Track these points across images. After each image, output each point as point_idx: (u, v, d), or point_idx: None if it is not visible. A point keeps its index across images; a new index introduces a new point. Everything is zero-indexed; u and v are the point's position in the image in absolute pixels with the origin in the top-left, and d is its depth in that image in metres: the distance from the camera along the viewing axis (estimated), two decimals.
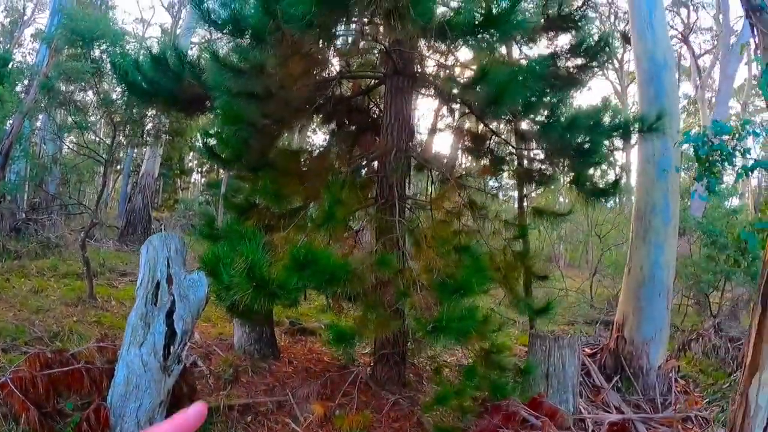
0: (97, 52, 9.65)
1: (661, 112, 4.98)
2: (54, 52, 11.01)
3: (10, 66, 10.17)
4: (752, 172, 4.96)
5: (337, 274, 3.11)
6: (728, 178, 5.17)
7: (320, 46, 3.34)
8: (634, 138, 5.03)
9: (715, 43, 18.86)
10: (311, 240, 3.41)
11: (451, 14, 2.94)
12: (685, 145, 4.90)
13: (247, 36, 3.00)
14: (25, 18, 22.47)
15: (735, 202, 18.07)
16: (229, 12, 2.92)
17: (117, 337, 4.67)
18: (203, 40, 14.11)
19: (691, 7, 19.96)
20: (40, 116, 11.62)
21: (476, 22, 2.80)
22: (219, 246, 3.37)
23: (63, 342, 4.89)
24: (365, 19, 3.01)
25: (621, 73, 21.10)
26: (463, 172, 4.97)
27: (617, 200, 16.87)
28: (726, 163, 4.80)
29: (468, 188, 4.39)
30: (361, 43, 4.39)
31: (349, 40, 4.43)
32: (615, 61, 20.31)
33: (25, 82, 11.35)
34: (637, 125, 4.81)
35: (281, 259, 3.30)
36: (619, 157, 18.89)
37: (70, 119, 10.16)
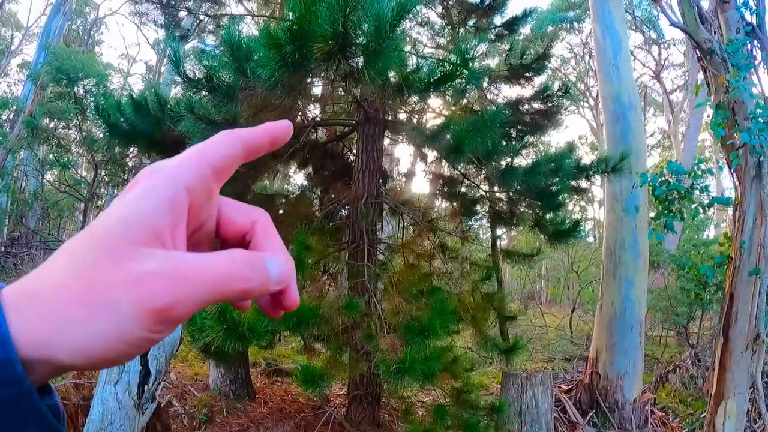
0: (81, 91, 9.81)
1: (624, 153, 5.18)
2: (39, 89, 11.15)
3: None
4: (710, 208, 5.19)
5: (305, 318, 3.19)
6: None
7: (291, 98, 3.51)
8: (599, 179, 5.20)
9: (687, 78, 19.56)
10: None
11: (411, 70, 3.13)
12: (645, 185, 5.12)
13: (220, 93, 3.15)
14: (12, 48, 22.55)
15: (712, 233, 18.47)
16: (203, 70, 3.08)
17: (93, 375, 4.67)
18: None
19: (663, 45, 20.83)
20: (23, 151, 11.68)
21: (431, 80, 2.99)
22: None
23: None
24: (329, 78, 3.19)
25: (596, 111, 21.35)
26: (435, 216, 5.11)
27: (595, 235, 17.13)
28: (685, 201, 5.02)
29: (439, 231, 4.52)
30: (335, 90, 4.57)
31: (326, 87, 4.61)
32: (590, 99, 20.92)
33: (11, 116, 11.43)
34: (601, 166, 4.99)
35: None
36: (598, 192, 19.23)
37: (51, 156, 10.22)
